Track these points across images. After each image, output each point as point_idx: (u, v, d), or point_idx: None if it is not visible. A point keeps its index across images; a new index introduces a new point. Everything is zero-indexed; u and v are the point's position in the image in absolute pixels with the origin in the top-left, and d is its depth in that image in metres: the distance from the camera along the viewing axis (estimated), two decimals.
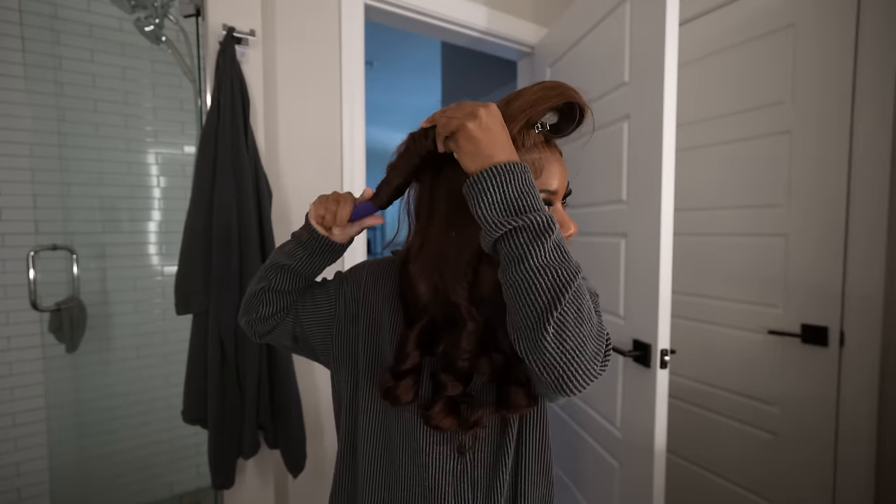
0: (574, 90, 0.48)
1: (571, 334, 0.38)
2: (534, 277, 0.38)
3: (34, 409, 1.56)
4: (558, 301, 0.37)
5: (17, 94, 1.50)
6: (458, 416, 0.49)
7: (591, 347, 0.39)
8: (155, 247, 1.78)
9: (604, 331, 0.43)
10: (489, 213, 0.41)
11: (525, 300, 0.38)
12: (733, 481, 1.46)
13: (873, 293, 1.16)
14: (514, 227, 0.39)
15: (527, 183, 0.41)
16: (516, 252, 0.39)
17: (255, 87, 1.16)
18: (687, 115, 1.48)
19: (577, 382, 0.39)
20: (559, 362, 0.38)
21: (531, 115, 0.47)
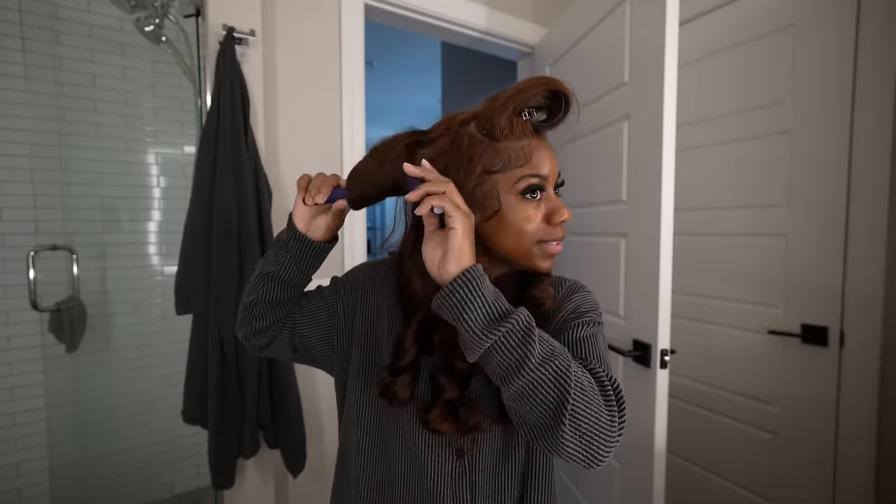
0: (559, 81, 0.49)
1: (585, 417, 0.39)
2: (538, 377, 0.38)
3: (34, 409, 1.56)
4: (567, 392, 0.38)
5: (17, 94, 1.50)
6: (456, 420, 0.49)
7: (605, 417, 0.40)
8: (155, 247, 1.78)
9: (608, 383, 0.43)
10: (476, 323, 0.39)
11: (536, 402, 0.39)
12: (733, 481, 1.46)
13: (873, 293, 1.16)
14: (505, 332, 0.38)
15: (489, 284, 0.42)
16: (514, 357, 0.38)
17: (255, 87, 1.16)
18: (687, 115, 1.48)
19: (602, 456, 0.41)
20: (581, 448, 0.39)
21: (517, 104, 0.48)
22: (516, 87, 0.48)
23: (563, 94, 0.48)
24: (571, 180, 1.47)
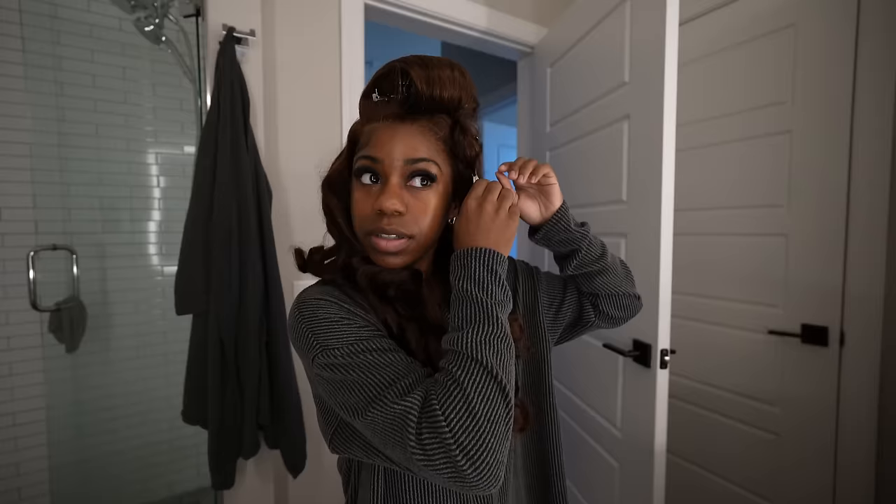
0: (411, 59, 0.49)
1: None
2: (611, 257, 0.65)
3: (34, 409, 1.56)
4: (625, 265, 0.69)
5: (17, 94, 1.50)
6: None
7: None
8: (155, 247, 1.78)
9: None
10: (578, 224, 0.63)
11: (616, 270, 0.65)
12: (733, 481, 1.46)
13: (873, 293, 1.16)
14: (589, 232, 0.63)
15: None
16: (599, 244, 0.64)
17: (255, 87, 1.16)
18: (687, 114, 1.48)
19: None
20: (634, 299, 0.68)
21: (367, 87, 0.51)
22: (379, 69, 0.50)
23: (396, 72, 0.48)
24: (571, 180, 1.47)
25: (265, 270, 1.09)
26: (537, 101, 1.73)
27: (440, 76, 0.48)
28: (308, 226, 1.27)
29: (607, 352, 1.22)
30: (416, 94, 0.47)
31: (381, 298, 0.50)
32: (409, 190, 0.48)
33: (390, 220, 0.46)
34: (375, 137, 0.48)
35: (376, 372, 0.42)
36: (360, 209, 0.48)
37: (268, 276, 1.09)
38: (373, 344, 0.44)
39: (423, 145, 0.48)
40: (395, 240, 0.47)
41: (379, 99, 0.50)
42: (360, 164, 0.48)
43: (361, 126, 0.51)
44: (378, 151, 0.47)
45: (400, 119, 0.49)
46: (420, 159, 0.48)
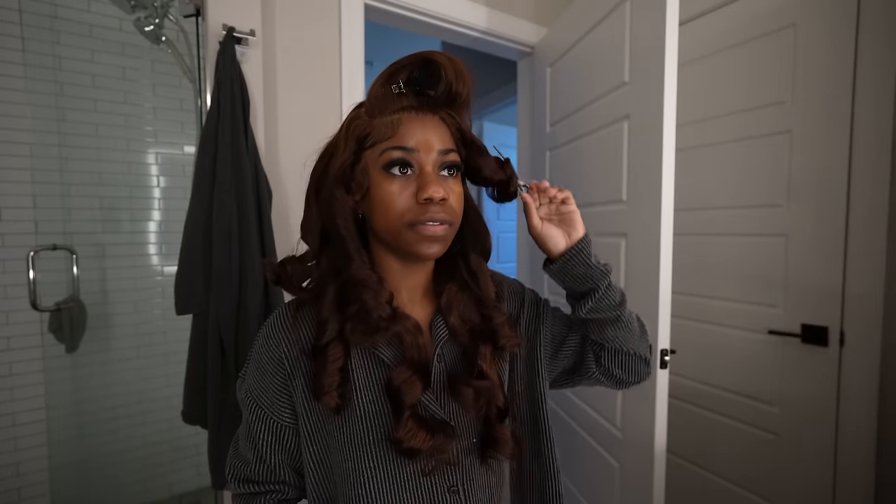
0: (442, 54, 0.47)
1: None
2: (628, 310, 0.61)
3: (34, 409, 1.56)
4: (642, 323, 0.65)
5: (17, 94, 1.50)
6: (429, 430, 0.47)
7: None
8: (155, 247, 1.78)
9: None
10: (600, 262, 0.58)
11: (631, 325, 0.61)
12: (733, 481, 1.46)
13: (873, 293, 1.16)
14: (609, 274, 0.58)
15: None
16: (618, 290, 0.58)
17: (255, 87, 1.16)
18: (687, 114, 1.47)
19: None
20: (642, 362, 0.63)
21: (388, 77, 0.48)
22: (398, 59, 0.48)
23: (435, 63, 0.46)
24: (571, 180, 1.47)
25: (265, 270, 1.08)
26: (537, 101, 1.73)
27: (463, 71, 0.48)
28: None
29: None
30: (445, 88, 0.48)
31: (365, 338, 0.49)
32: (441, 179, 0.48)
33: (437, 206, 0.47)
34: (403, 128, 0.47)
35: (245, 468, 0.56)
36: (395, 202, 0.47)
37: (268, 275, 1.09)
38: (264, 432, 0.54)
39: (447, 135, 0.50)
40: (440, 225, 0.47)
41: (401, 90, 0.48)
42: (393, 156, 0.47)
43: (371, 118, 0.48)
44: (411, 141, 0.47)
45: (419, 111, 0.49)
46: (450, 150, 0.49)
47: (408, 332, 0.49)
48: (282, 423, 0.53)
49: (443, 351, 0.54)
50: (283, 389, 0.51)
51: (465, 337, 0.54)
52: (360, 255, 0.49)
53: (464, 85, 0.48)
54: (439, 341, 0.53)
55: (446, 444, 0.48)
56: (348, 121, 0.50)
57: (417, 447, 0.46)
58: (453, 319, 0.54)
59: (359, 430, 0.49)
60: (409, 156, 0.47)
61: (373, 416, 0.49)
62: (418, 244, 0.47)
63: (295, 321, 0.52)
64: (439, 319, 0.54)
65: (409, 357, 0.49)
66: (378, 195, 0.48)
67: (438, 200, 0.46)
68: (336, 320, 0.49)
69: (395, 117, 0.48)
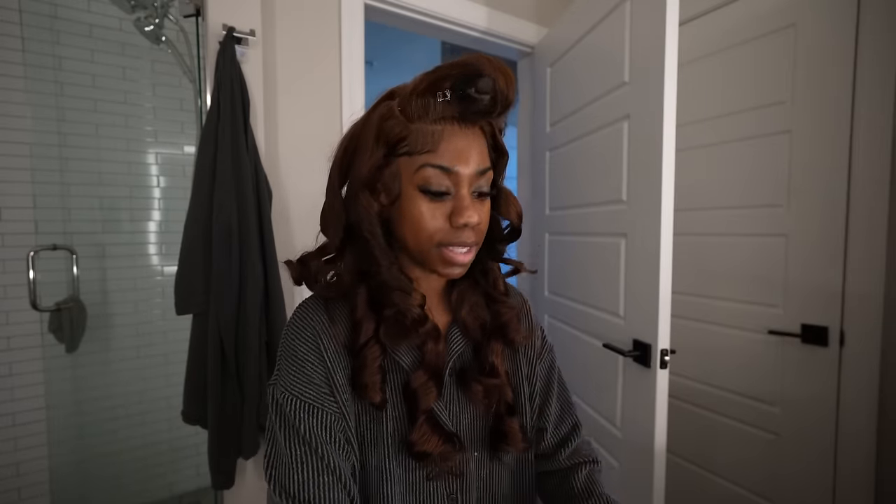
0: (491, 61, 0.42)
1: None
2: None
3: (34, 409, 1.56)
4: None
5: (17, 94, 1.50)
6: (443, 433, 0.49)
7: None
8: (155, 247, 1.78)
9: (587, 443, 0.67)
10: None
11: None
12: (733, 481, 1.46)
13: (873, 293, 1.16)
14: None
15: None
16: None
17: (255, 87, 1.16)
18: (687, 115, 1.47)
19: None
20: None
21: (434, 81, 0.43)
22: (443, 65, 0.43)
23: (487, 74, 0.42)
24: (571, 180, 1.47)
25: (265, 270, 1.09)
26: (537, 101, 1.73)
27: (512, 79, 0.44)
28: (308, 226, 1.27)
29: (607, 352, 1.22)
30: (495, 99, 0.43)
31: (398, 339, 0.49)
32: (476, 201, 0.47)
33: (469, 231, 0.46)
34: (445, 144, 0.44)
35: (298, 472, 0.44)
36: (428, 222, 0.45)
37: (268, 275, 1.09)
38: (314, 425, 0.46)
39: (485, 148, 0.47)
40: (468, 252, 0.47)
41: (446, 99, 0.44)
42: (432, 177, 0.44)
43: (408, 122, 0.44)
44: (453, 161, 0.44)
45: (461, 122, 0.45)
46: (487, 169, 0.47)
47: (429, 337, 0.49)
48: (334, 413, 0.47)
49: (455, 364, 0.54)
50: (326, 382, 0.48)
51: (476, 332, 0.54)
52: (388, 257, 0.48)
53: (512, 93, 0.45)
54: (453, 354, 0.53)
55: (454, 453, 0.49)
56: (379, 117, 0.45)
57: (428, 451, 0.47)
58: (464, 314, 0.54)
59: (382, 431, 0.49)
60: (449, 178, 0.45)
61: (392, 417, 0.50)
62: (444, 266, 0.47)
63: (331, 317, 0.50)
64: (455, 330, 0.54)
65: (427, 362, 0.49)
66: (409, 211, 0.45)
67: (473, 226, 0.46)
68: (371, 320, 0.48)
69: (437, 128, 0.44)
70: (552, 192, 1.62)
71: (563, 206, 1.53)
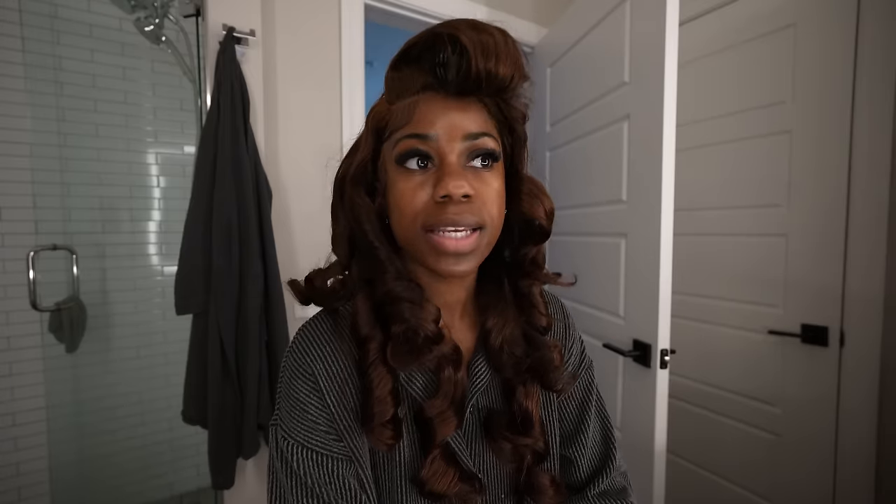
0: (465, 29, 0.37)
1: None
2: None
3: (34, 409, 1.56)
4: None
5: (17, 94, 1.50)
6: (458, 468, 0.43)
7: None
8: (155, 247, 1.78)
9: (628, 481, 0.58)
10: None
11: None
12: (734, 481, 1.46)
13: (873, 293, 1.16)
14: None
15: None
16: None
17: (255, 87, 1.16)
18: (687, 115, 1.47)
19: None
20: None
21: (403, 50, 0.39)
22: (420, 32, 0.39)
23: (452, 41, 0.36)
24: (571, 180, 1.47)
25: (265, 270, 1.09)
26: (537, 101, 1.73)
27: (496, 46, 0.37)
28: (308, 226, 1.27)
29: (607, 352, 1.22)
30: (467, 69, 0.36)
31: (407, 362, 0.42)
32: (470, 171, 0.39)
33: (459, 207, 0.37)
34: (420, 111, 0.38)
35: None
36: (409, 201, 0.38)
37: (268, 275, 1.09)
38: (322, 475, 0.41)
39: (480, 118, 0.40)
40: (466, 237, 0.38)
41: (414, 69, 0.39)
42: (406, 147, 0.38)
43: (390, 104, 0.40)
44: (428, 127, 0.38)
45: (445, 90, 0.39)
46: (481, 133, 0.39)
47: (446, 362, 0.42)
48: (344, 459, 0.42)
49: (479, 402, 0.47)
50: (331, 428, 0.42)
51: (509, 370, 0.46)
52: (394, 263, 0.41)
53: (502, 64, 0.37)
54: (477, 389, 0.45)
55: (472, 494, 0.43)
56: (371, 112, 0.43)
57: (442, 492, 0.41)
58: (493, 340, 0.45)
59: (396, 468, 0.44)
60: (426, 144, 0.38)
61: (407, 454, 0.44)
62: (436, 259, 0.39)
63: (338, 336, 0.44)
64: (480, 358, 0.46)
65: (444, 391, 0.42)
66: (392, 194, 0.40)
67: (461, 198, 0.37)
68: (378, 339, 0.42)
69: (413, 100, 0.39)
70: (552, 192, 1.61)
71: (563, 206, 1.53)
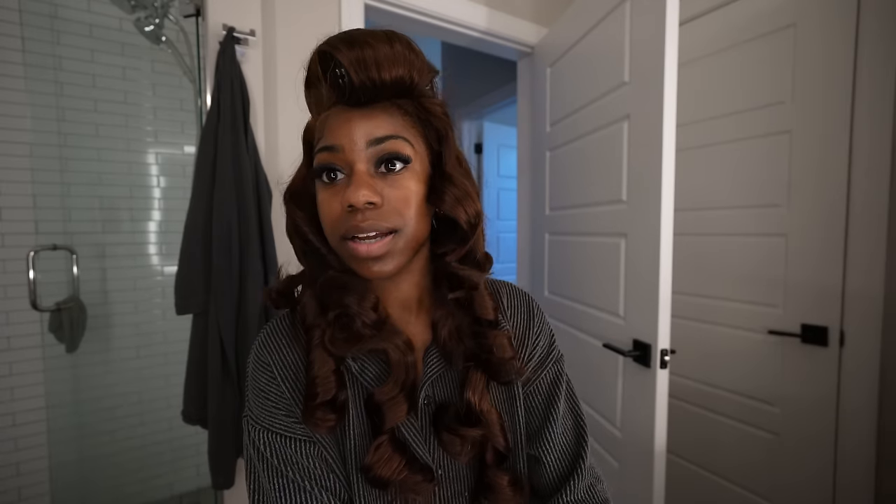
0: (336, 43, 0.38)
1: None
2: None
3: (34, 409, 1.56)
4: None
5: (17, 94, 1.50)
6: (404, 454, 0.43)
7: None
8: (155, 247, 1.78)
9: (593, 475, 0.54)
10: None
11: None
12: (733, 481, 1.46)
13: (873, 293, 1.16)
14: None
15: None
16: None
17: (255, 87, 1.16)
18: (687, 115, 1.48)
19: None
20: None
21: (307, 71, 0.42)
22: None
23: (328, 57, 0.38)
24: (571, 180, 1.47)
25: (265, 270, 1.09)
26: (537, 101, 1.73)
27: (376, 56, 0.37)
28: None
29: (607, 352, 1.22)
30: (351, 83, 0.38)
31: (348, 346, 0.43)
32: (380, 177, 0.40)
33: (364, 214, 0.38)
34: (329, 125, 0.40)
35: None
36: (327, 212, 0.40)
37: (268, 276, 1.09)
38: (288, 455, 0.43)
39: (386, 122, 0.40)
40: (376, 241, 0.39)
41: (321, 86, 0.41)
42: (319, 160, 0.40)
43: (314, 121, 0.43)
44: (334, 138, 0.39)
45: (351, 104, 0.40)
46: (387, 137, 0.39)
47: (396, 349, 0.43)
48: (307, 440, 0.44)
49: (433, 389, 0.47)
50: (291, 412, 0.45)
51: (458, 361, 0.46)
52: (335, 259, 0.44)
53: (383, 71, 0.38)
54: (430, 375, 0.46)
55: (422, 485, 0.42)
56: (305, 127, 0.45)
57: (387, 477, 0.41)
58: (444, 334, 0.46)
59: (346, 452, 0.44)
60: (335, 156, 0.39)
61: (357, 441, 0.44)
62: (357, 264, 0.40)
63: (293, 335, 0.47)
64: (434, 350, 0.47)
65: (395, 375, 0.43)
66: (318, 205, 0.42)
67: (366, 205, 0.38)
68: (322, 326, 0.43)
69: (325, 115, 0.41)
70: (552, 192, 1.62)
71: (563, 206, 1.54)
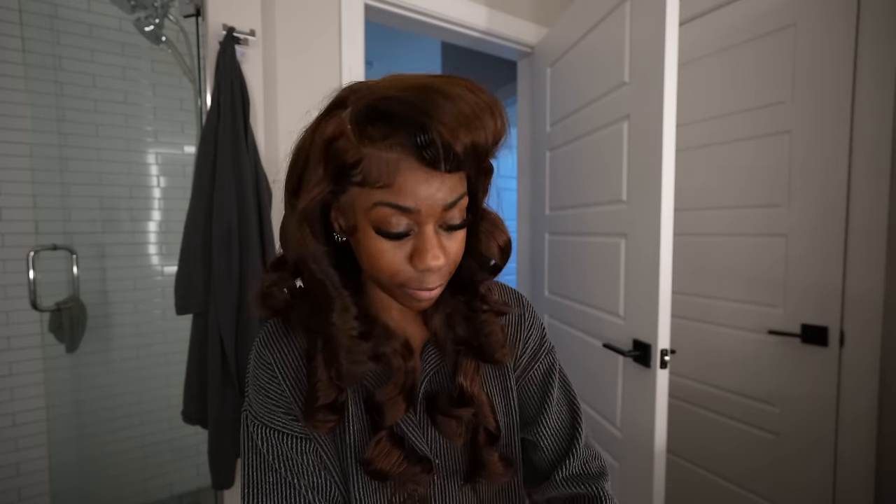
0: (447, 108, 0.33)
1: None
2: None
3: (34, 409, 1.56)
4: None
5: (17, 94, 1.50)
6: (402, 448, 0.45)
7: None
8: (155, 247, 1.78)
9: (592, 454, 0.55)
10: None
11: None
12: (733, 481, 1.46)
13: (873, 293, 1.16)
14: None
15: None
16: None
17: (255, 87, 1.16)
18: (687, 115, 1.48)
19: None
20: None
21: (380, 111, 0.36)
22: (394, 95, 0.35)
23: (441, 141, 0.33)
24: (571, 180, 1.47)
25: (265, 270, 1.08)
26: (537, 101, 1.73)
27: (486, 139, 0.35)
28: None
29: (607, 352, 1.22)
30: (444, 157, 0.34)
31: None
32: (444, 232, 0.40)
33: (433, 274, 0.39)
34: (403, 178, 0.35)
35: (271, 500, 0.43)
36: (388, 261, 0.38)
37: None
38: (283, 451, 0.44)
39: (459, 185, 0.39)
40: (436, 290, 0.41)
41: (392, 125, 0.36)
42: (386, 217, 0.37)
43: (358, 146, 0.36)
44: (412, 200, 0.36)
45: (433, 167, 0.36)
46: (460, 197, 0.39)
47: (396, 356, 0.44)
48: (304, 438, 0.45)
49: (430, 384, 0.49)
50: (291, 411, 0.46)
51: (450, 349, 0.48)
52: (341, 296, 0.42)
53: (490, 153, 0.37)
54: (427, 375, 0.48)
55: (421, 476, 0.44)
56: (328, 135, 0.37)
57: (387, 470, 0.43)
58: (438, 327, 0.48)
59: (345, 448, 0.46)
60: (407, 216, 0.37)
61: (357, 439, 0.46)
62: (409, 302, 0.42)
63: (292, 334, 0.48)
64: (431, 347, 0.49)
65: (395, 380, 0.45)
66: (367, 248, 0.39)
67: (437, 270, 0.39)
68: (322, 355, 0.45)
69: (393, 157, 0.35)
70: (552, 192, 1.62)
71: (563, 206, 1.53)
